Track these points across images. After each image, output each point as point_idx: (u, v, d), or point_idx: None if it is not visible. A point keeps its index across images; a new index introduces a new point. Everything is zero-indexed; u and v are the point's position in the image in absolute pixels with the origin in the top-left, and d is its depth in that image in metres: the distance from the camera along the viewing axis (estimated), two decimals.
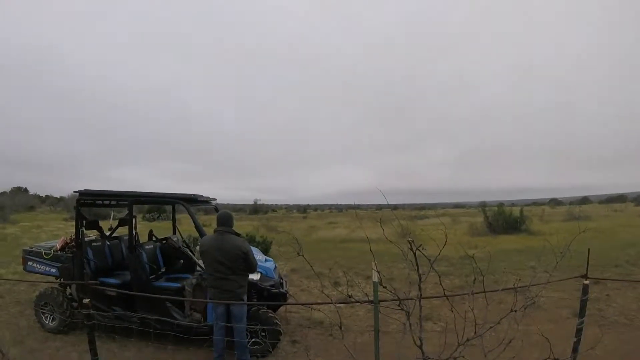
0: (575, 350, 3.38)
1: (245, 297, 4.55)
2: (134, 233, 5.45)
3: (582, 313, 3.40)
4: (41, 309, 5.58)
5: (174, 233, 6.87)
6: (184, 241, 6.80)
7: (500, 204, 21.16)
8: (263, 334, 4.81)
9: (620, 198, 60.97)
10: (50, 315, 5.54)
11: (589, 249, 3.47)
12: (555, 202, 65.05)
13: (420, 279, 2.64)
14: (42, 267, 5.73)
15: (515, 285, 2.94)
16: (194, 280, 5.18)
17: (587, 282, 3.40)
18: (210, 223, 17.25)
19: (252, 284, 4.90)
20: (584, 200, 62.87)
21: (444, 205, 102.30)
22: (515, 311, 2.70)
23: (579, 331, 3.40)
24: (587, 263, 3.48)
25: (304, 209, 75.49)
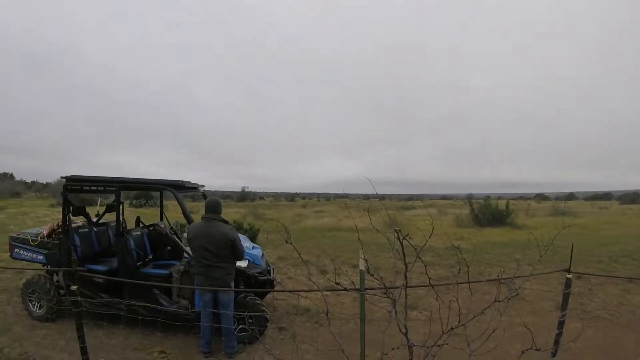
0: (556, 342, 3.46)
1: (232, 284, 4.56)
2: (121, 219, 5.41)
3: (564, 306, 3.47)
4: (28, 296, 5.52)
5: (162, 220, 6.84)
6: (171, 228, 6.78)
7: (487, 197, 21.36)
8: (250, 320, 4.83)
9: (606, 196, 61.90)
10: (38, 303, 5.48)
11: (572, 244, 3.53)
12: (541, 197, 65.92)
13: (406, 268, 2.67)
14: (29, 254, 5.65)
15: (499, 277, 2.99)
16: (181, 267, 5.18)
17: (570, 276, 3.46)
18: (198, 210, 17.17)
19: (240, 271, 4.91)
20: (570, 197, 63.82)
21: (431, 197, 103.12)
22: (499, 302, 2.75)
23: (560, 324, 3.48)
24: (571, 258, 3.54)
25: (291, 197, 75.39)
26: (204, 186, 6.12)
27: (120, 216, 5.37)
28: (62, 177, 5.43)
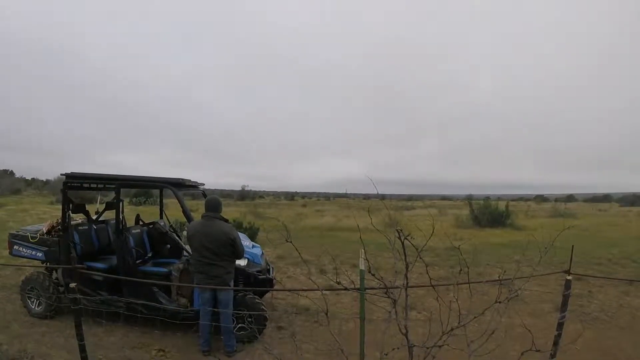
0: (556, 343, 3.45)
1: (231, 283, 4.56)
2: (120, 217, 5.41)
3: (563, 308, 3.46)
4: (27, 293, 5.52)
5: (161, 218, 6.84)
6: (171, 226, 6.77)
7: (487, 198, 21.41)
8: (249, 319, 4.84)
9: (606, 198, 61.81)
10: (37, 300, 5.47)
11: (572, 246, 3.52)
12: (541, 199, 65.91)
13: (407, 268, 2.67)
14: (28, 251, 5.64)
15: (499, 278, 2.98)
16: (180, 265, 5.18)
17: (569, 277, 3.45)
18: (197, 208, 17.18)
19: (239, 269, 4.91)
20: (570, 198, 63.72)
21: (431, 197, 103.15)
22: (499, 302, 2.74)
23: (560, 325, 3.46)
24: (571, 259, 3.53)
25: (291, 197, 75.26)
26: (204, 184, 6.12)
27: (120, 214, 5.36)
28: (62, 175, 5.43)
